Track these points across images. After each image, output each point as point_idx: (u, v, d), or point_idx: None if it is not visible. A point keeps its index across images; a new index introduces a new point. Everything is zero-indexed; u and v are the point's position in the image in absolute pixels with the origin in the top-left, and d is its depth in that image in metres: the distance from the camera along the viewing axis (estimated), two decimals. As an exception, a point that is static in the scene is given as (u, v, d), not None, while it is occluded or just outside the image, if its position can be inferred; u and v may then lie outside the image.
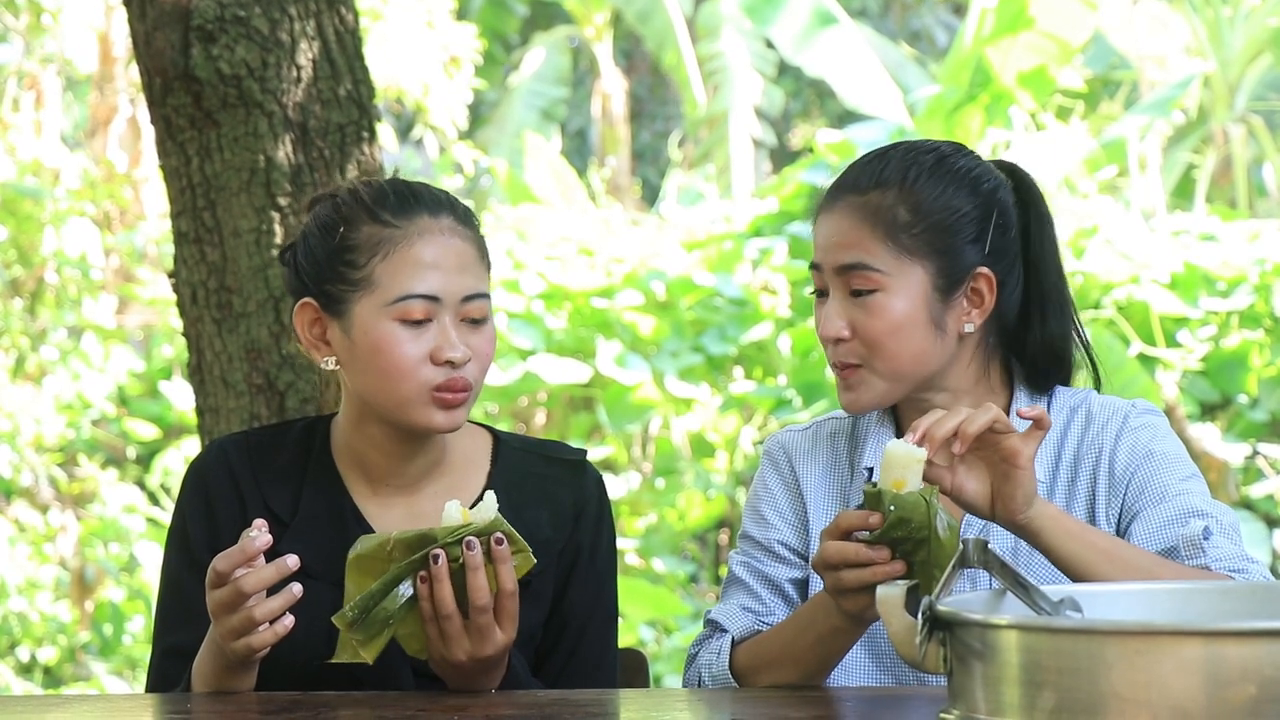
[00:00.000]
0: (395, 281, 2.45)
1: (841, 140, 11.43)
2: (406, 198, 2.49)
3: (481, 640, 2.30)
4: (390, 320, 2.45)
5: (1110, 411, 2.56)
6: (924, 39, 20.83)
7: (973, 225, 2.52)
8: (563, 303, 10.32)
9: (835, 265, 2.51)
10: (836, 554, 2.25)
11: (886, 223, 2.49)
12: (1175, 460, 2.52)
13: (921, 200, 2.50)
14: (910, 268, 2.49)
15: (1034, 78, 11.05)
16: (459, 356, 2.44)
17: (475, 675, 2.36)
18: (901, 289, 2.49)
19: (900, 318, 2.48)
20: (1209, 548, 2.40)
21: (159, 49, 3.75)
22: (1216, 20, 14.15)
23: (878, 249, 2.49)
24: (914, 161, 2.54)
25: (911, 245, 2.49)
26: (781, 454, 2.67)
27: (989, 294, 2.53)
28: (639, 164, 20.50)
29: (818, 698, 2.41)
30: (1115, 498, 2.51)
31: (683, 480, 9.87)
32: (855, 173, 2.56)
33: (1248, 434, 9.16)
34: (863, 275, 2.49)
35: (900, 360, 2.49)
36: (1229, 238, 10.02)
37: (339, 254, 2.49)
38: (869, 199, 2.50)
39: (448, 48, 10.38)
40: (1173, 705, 1.59)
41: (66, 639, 8.60)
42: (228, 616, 2.30)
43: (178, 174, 3.82)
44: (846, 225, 2.51)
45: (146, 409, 10.20)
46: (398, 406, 2.47)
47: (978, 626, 1.71)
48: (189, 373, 3.91)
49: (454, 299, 2.46)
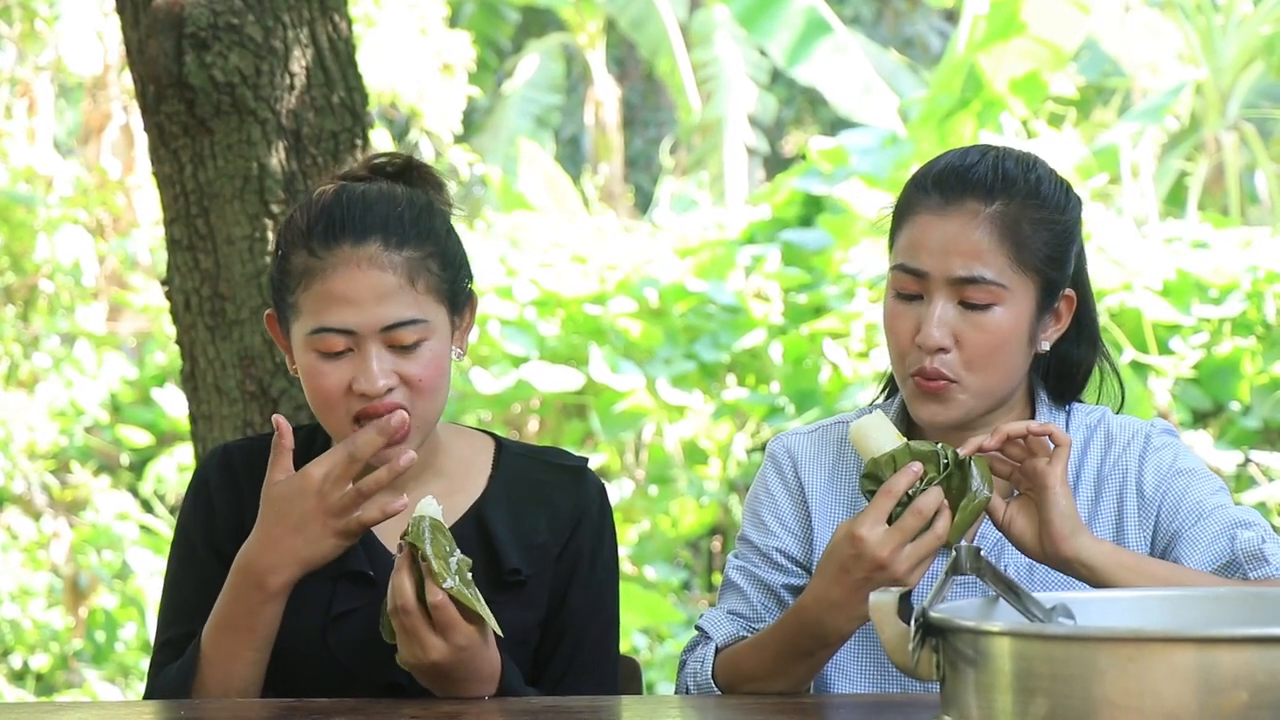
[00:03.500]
0: (312, 313, 2.44)
1: (835, 147, 11.43)
2: (333, 226, 2.45)
3: (449, 631, 2.30)
4: (311, 351, 2.45)
5: (1131, 432, 2.54)
6: (917, 46, 20.83)
7: (1074, 242, 2.49)
8: (555, 310, 10.32)
9: (952, 275, 2.41)
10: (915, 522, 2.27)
11: (1013, 236, 2.41)
12: (1203, 476, 2.50)
13: (1044, 214, 2.44)
14: (1025, 282, 2.43)
15: (1026, 84, 11.05)
16: (370, 389, 2.41)
17: (462, 677, 2.35)
18: (1015, 304, 2.42)
19: (1009, 334, 2.43)
20: (1270, 555, 2.39)
21: (152, 56, 3.75)
22: (1209, 28, 14.17)
23: (1002, 263, 2.41)
24: (1030, 168, 2.47)
25: (1030, 260, 2.42)
26: (786, 457, 2.62)
27: (1067, 313, 2.51)
28: (632, 171, 20.50)
29: (811, 705, 2.41)
30: (1147, 519, 2.48)
31: (676, 487, 9.86)
32: (971, 174, 2.45)
33: (1240, 441, 9.16)
34: (985, 289, 2.41)
35: (996, 377, 2.44)
36: (1221, 245, 10.02)
37: (279, 277, 2.50)
38: (996, 208, 2.42)
39: (441, 54, 10.38)
40: (1165, 712, 1.59)
41: (59, 646, 8.58)
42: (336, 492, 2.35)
43: (171, 181, 3.82)
44: (972, 233, 2.41)
45: (139, 416, 10.19)
46: (333, 433, 2.48)
47: (970, 633, 1.71)
48: (182, 380, 3.91)
49: (372, 330, 2.42)
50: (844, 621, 2.34)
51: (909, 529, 2.28)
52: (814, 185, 11.04)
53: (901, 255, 2.47)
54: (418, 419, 2.44)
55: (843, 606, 2.32)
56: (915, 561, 2.29)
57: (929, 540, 2.28)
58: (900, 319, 2.47)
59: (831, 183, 10.97)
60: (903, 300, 2.46)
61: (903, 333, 2.46)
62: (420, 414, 2.45)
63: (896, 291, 2.47)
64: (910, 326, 2.45)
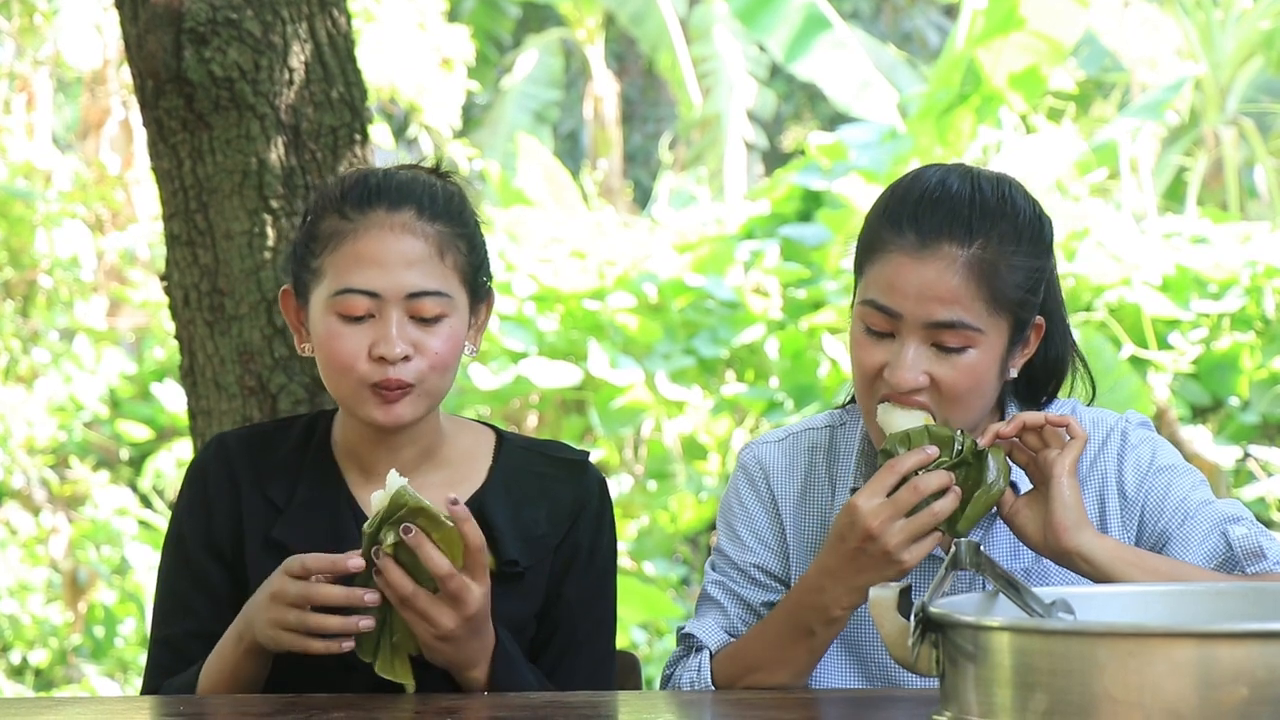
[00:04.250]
0: (337, 275, 2.44)
1: (834, 142, 11.43)
2: (370, 191, 2.47)
3: (459, 601, 2.32)
4: (332, 314, 2.44)
5: (1106, 429, 2.53)
6: (915, 41, 20.83)
7: (1045, 275, 2.46)
8: (554, 305, 10.32)
9: (928, 320, 2.37)
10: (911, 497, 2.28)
11: (990, 280, 2.37)
12: (1183, 471, 2.50)
13: (1020, 251, 2.40)
14: (999, 323, 2.40)
15: (1025, 78, 11.05)
16: (391, 353, 2.41)
17: (468, 643, 2.37)
18: (988, 345, 2.40)
19: (984, 372, 2.40)
20: (1268, 550, 2.39)
21: (151, 51, 3.75)
22: (1208, 23, 14.16)
23: (979, 308, 2.37)
24: (1005, 197, 2.42)
25: (1004, 302, 2.39)
26: (758, 470, 2.60)
27: (1036, 340, 2.49)
28: (631, 166, 20.50)
29: (808, 700, 2.41)
30: (1130, 519, 2.48)
31: (675, 483, 9.87)
32: (948, 210, 2.39)
33: (1239, 436, 9.16)
34: (960, 334, 2.38)
35: (971, 411, 2.42)
36: (1220, 240, 10.03)
37: (304, 243, 2.51)
38: (974, 252, 2.37)
39: (440, 49, 10.38)
40: (1165, 707, 1.59)
41: (58, 641, 8.58)
42: (286, 610, 2.33)
43: (170, 176, 3.82)
44: (949, 280, 2.36)
45: (138, 411, 10.19)
46: (343, 399, 2.49)
47: (970, 628, 1.71)
48: (181, 375, 3.91)
49: (397, 295, 2.43)
50: (842, 592, 2.33)
51: (902, 503, 2.28)
52: (813, 180, 11.04)
53: (873, 291, 2.41)
54: (422, 393, 2.45)
55: (838, 575, 2.33)
56: (907, 537, 2.28)
57: (924, 518, 2.28)
58: (869, 352, 2.43)
59: (830, 178, 10.97)
60: (872, 335, 2.43)
61: (870, 365, 2.42)
62: (428, 388, 2.45)
63: (866, 327, 2.43)
64: (879, 361, 2.42)
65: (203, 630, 2.52)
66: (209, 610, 2.53)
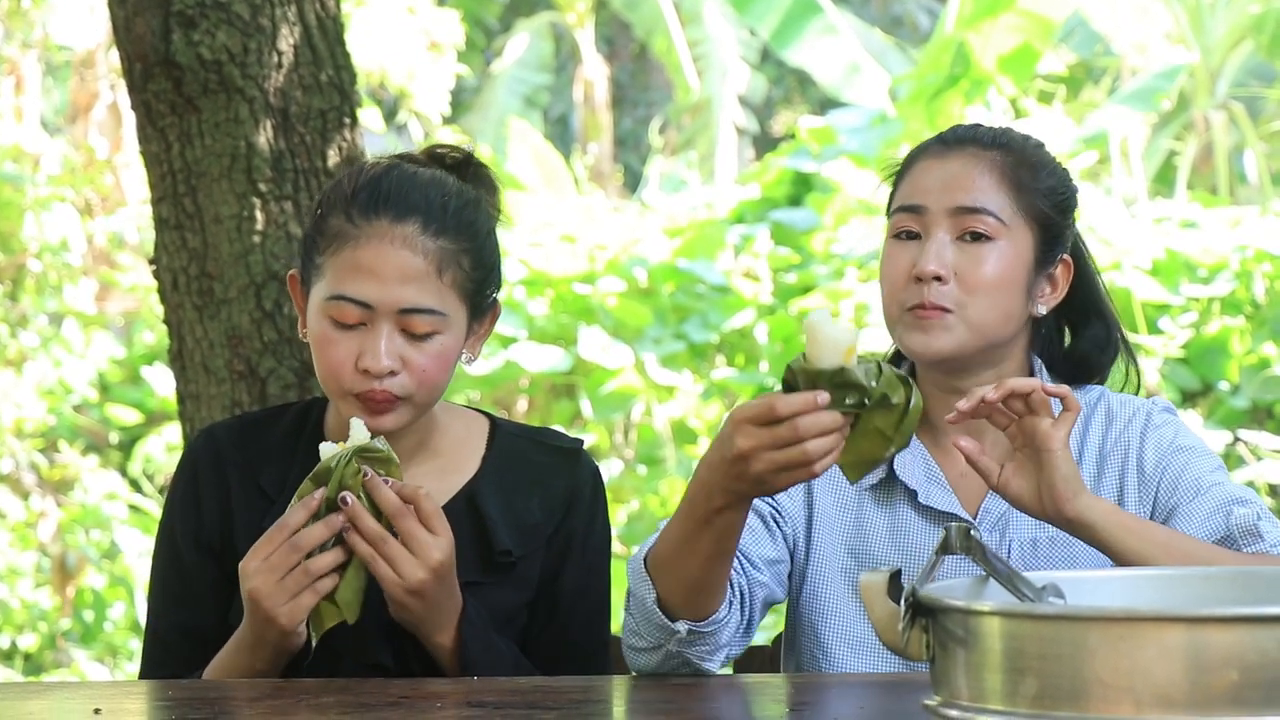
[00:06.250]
0: (335, 278, 2.43)
1: (824, 126, 11.43)
2: (377, 197, 2.45)
3: (422, 546, 2.32)
4: (325, 317, 2.44)
5: (1132, 410, 2.57)
6: (906, 24, 20.83)
7: (1071, 211, 2.56)
8: (545, 289, 10.31)
9: (952, 206, 2.48)
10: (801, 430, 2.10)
11: (1013, 179, 2.50)
12: (1202, 454, 2.53)
13: (1040, 171, 2.53)
14: (1023, 227, 2.50)
15: (1015, 60, 11.05)
16: (376, 367, 2.40)
17: (436, 601, 2.36)
18: (1012, 244, 2.49)
19: (1007, 271, 2.48)
20: (1265, 532, 2.41)
21: (139, 34, 3.74)
22: (1198, 7, 14.16)
23: (1001, 200, 2.49)
24: (1028, 138, 2.57)
25: (1028, 206, 2.50)
26: None
27: (1064, 282, 2.56)
28: (621, 150, 20.48)
29: (804, 684, 2.41)
30: (1146, 495, 2.51)
31: (665, 467, 9.86)
32: (971, 130, 2.56)
33: (1229, 421, 9.17)
34: (983, 219, 2.48)
35: (992, 314, 2.48)
36: (1210, 225, 10.03)
37: (312, 236, 2.50)
38: (994, 155, 2.51)
39: (429, 33, 10.36)
40: (1156, 691, 1.59)
41: (47, 626, 8.58)
42: (287, 577, 2.33)
43: (158, 160, 3.81)
44: (973, 170, 2.50)
45: (128, 395, 10.18)
46: (332, 399, 2.50)
47: (960, 613, 1.71)
48: (170, 359, 3.91)
49: (389, 309, 2.41)
50: (718, 491, 2.23)
51: (779, 438, 2.12)
52: (803, 164, 11.04)
53: (901, 199, 2.53)
54: (409, 404, 2.44)
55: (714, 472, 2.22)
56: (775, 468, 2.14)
57: (794, 453, 2.11)
58: (896, 258, 2.50)
59: (821, 162, 10.97)
60: (900, 241, 2.51)
61: (898, 270, 2.49)
62: (417, 400, 2.45)
63: (894, 234, 2.52)
64: (906, 262, 2.49)
65: (191, 625, 2.52)
66: (198, 605, 2.53)
